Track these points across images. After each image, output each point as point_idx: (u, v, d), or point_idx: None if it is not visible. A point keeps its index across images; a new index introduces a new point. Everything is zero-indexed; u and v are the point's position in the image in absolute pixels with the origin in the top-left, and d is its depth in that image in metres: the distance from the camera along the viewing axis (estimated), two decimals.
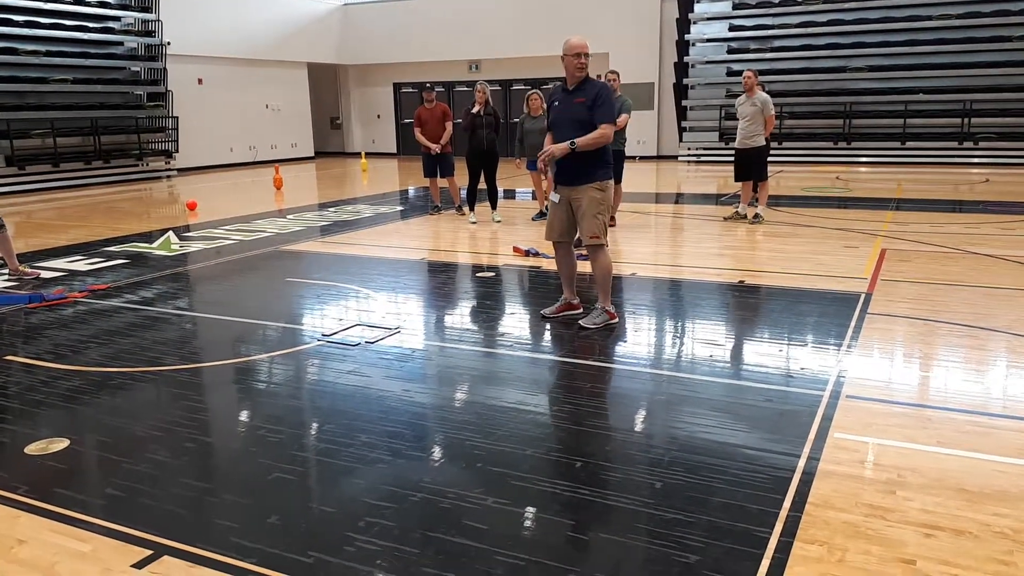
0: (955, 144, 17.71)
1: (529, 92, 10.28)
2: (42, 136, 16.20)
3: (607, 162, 5.37)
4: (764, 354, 4.91)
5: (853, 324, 5.39)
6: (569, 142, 5.17)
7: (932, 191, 13.40)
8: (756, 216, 9.88)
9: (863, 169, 17.59)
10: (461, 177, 10.92)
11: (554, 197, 5.53)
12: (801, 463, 3.34)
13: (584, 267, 5.62)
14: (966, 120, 17.61)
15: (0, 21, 15.76)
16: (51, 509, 3.08)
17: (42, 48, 16.46)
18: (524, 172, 10.66)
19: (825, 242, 8.49)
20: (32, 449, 3.64)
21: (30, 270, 7.44)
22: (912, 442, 3.55)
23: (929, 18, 18.21)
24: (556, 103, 5.48)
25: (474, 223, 10.35)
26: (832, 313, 5.72)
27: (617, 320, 5.59)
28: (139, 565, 2.70)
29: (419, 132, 10.96)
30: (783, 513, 2.94)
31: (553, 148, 5.25)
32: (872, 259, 7.48)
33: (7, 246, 7.31)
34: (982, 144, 17.47)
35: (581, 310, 5.73)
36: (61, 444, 3.69)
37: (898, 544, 2.73)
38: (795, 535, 2.79)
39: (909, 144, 18.08)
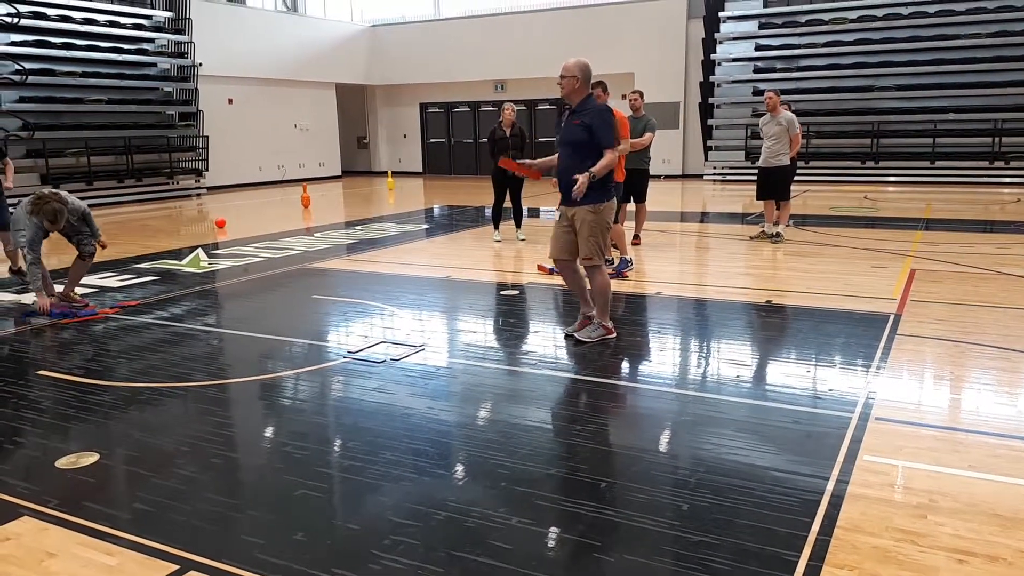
0: (985, 164, 17.49)
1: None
2: (76, 155, 16.55)
3: (601, 185, 5.36)
4: (792, 375, 4.86)
5: (882, 345, 5.32)
6: (588, 172, 5.19)
7: (962, 211, 13.23)
8: (776, 235, 9.83)
9: (891, 189, 17.41)
10: (489, 196, 10.96)
11: (555, 214, 5.65)
12: (830, 486, 3.30)
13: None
14: (996, 140, 17.40)
15: (38, 43, 16.18)
16: (80, 523, 3.12)
17: (78, 69, 16.84)
18: (554, 190, 10.68)
19: (853, 262, 8.40)
20: (63, 463, 3.69)
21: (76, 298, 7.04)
22: (943, 466, 3.48)
23: (957, 37, 18.05)
24: (562, 123, 5.62)
25: (499, 241, 10.38)
26: (861, 334, 5.65)
27: (615, 335, 5.65)
28: None
29: None
30: (812, 537, 2.90)
31: (581, 181, 5.17)
32: (901, 279, 7.39)
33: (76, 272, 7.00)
34: (1013, 164, 17.23)
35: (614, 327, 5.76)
36: (91, 458, 3.74)
37: (930, 570, 2.68)
38: (824, 559, 2.75)
39: (938, 164, 17.88)
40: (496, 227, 10.62)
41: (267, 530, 3.06)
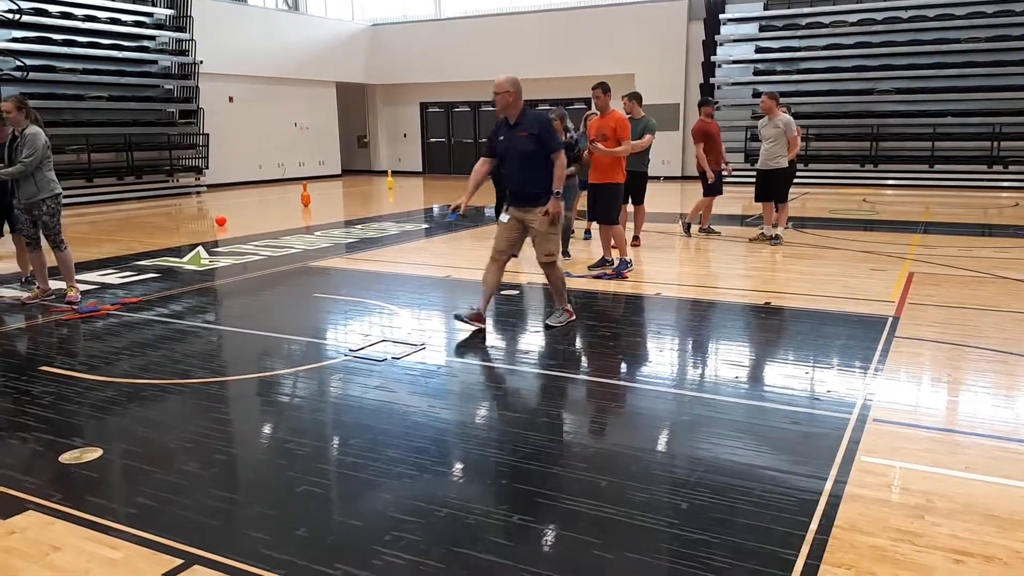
0: (984, 167, 17.54)
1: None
2: (77, 152, 16.55)
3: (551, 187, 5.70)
4: (790, 376, 4.89)
5: (880, 347, 5.35)
6: (555, 193, 5.61)
7: (961, 215, 13.27)
8: (776, 237, 9.87)
9: (890, 192, 17.45)
10: (488, 197, 10.97)
11: (504, 217, 5.91)
12: (828, 486, 3.33)
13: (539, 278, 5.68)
14: (995, 143, 17.45)
15: (40, 40, 16.17)
16: (85, 517, 3.14)
17: (79, 66, 16.85)
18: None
19: (852, 264, 8.43)
20: (67, 458, 3.72)
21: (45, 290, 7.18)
22: (940, 467, 3.52)
23: (957, 41, 18.10)
24: (501, 137, 5.78)
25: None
26: (859, 336, 5.68)
27: (575, 318, 6.10)
28: (170, 574, 2.74)
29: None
30: (809, 536, 2.93)
31: (552, 210, 5.62)
32: (900, 282, 7.42)
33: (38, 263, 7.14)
34: (1012, 168, 17.29)
35: (485, 325, 5.98)
36: (95, 453, 3.76)
37: (927, 570, 2.71)
38: (822, 558, 2.78)
39: (937, 167, 17.92)
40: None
41: (270, 525, 3.08)
